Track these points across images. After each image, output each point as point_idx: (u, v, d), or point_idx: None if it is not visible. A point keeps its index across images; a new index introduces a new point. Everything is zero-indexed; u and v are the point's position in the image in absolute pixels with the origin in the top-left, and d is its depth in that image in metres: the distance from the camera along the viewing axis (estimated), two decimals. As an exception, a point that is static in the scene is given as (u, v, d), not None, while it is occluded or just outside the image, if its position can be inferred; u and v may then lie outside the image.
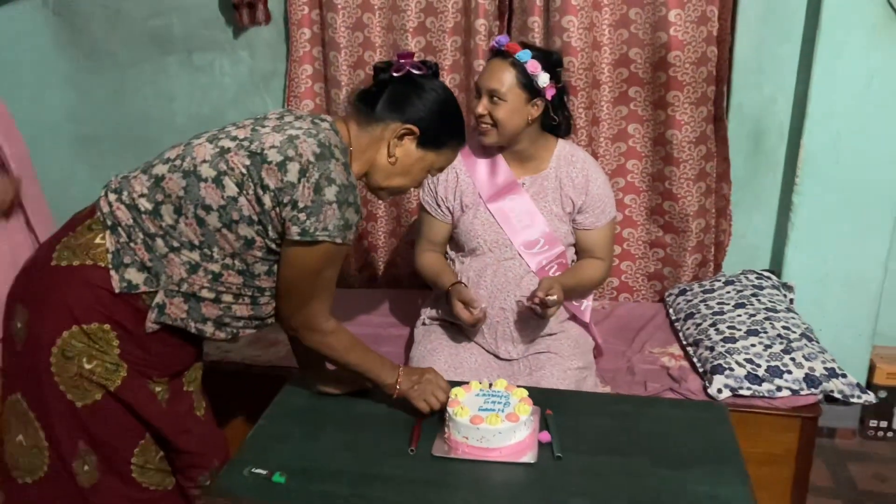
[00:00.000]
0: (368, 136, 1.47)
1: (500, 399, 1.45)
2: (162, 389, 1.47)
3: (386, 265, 2.73)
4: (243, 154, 1.37)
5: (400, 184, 1.53)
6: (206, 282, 1.40)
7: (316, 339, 1.49)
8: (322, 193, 1.34)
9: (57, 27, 2.69)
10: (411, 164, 1.50)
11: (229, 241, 1.39)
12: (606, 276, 2.05)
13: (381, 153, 1.48)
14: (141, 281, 1.37)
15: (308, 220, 1.34)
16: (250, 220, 1.37)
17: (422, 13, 2.42)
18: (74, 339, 1.37)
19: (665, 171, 2.47)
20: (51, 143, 2.82)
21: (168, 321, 1.40)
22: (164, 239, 1.38)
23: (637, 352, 2.26)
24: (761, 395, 1.95)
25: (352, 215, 1.37)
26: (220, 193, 1.36)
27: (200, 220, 1.37)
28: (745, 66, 2.39)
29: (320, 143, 1.38)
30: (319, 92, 2.58)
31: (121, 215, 1.38)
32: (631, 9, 2.35)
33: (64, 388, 1.38)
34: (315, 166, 1.35)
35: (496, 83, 1.85)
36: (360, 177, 1.49)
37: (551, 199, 1.97)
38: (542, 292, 1.79)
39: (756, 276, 2.43)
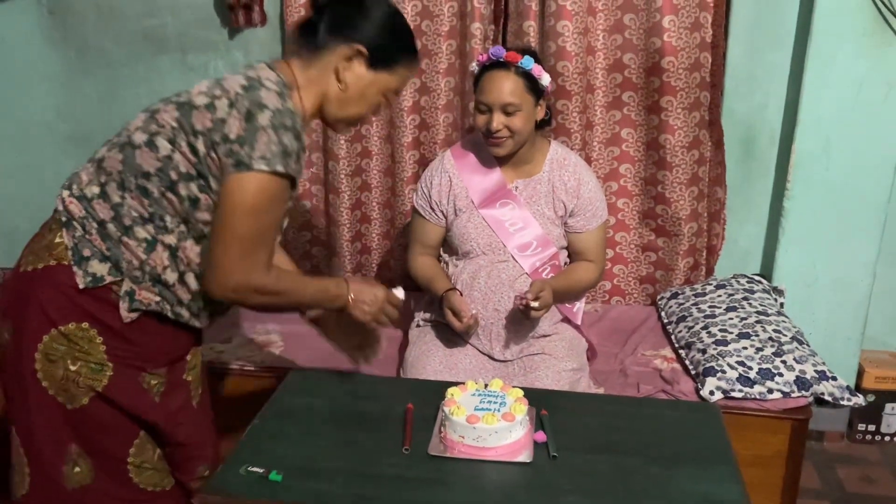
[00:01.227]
0: (316, 69, 1.40)
1: (496, 399, 1.45)
2: (158, 382, 1.44)
3: (379, 267, 2.74)
4: (172, 108, 1.34)
5: (356, 112, 1.46)
6: (166, 259, 1.36)
7: (259, 299, 1.38)
8: (254, 120, 1.28)
9: (50, 25, 2.68)
10: (364, 88, 1.42)
11: (175, 206, 1.34)
12: (599, 278, 2.06)
13: (331, 82, 1.41)
14: (105, 272, 1.34)
15: (242, 149, 1.27)
16: (189, 176, 1.32)
17: (417, 16, 2.43)
18: (55, 342, 1.34)
19: (658, 175, 2.49)
20: (42, 141, 2.81)
21: (142, 307, 1.36)
22: (115, 223, 1.34)
23: (630, 354, 2.27)
24: (753, 397, 1.96)
25: (290, 141, 1.29)
26: (155, 155, 1.32)
27: (143, 189, 1.33)
28: (737, 73, 2.42)
29: (248, 77, 1.33)
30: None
31: (73, 209, 1.35)
32: (625, 14, 2.37)
33: (53, 391, 1.36)
34: (243, 96, 1.30)
35: (509, 96, 1.85)
36: (314, 114, 1.44)
37: (544, 203, 1.98)
38: (531, 295, 1.80)
39: (747, 280, 2.46)
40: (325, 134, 2.60)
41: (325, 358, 2.22)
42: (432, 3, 2.41)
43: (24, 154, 2.82)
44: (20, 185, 2.85)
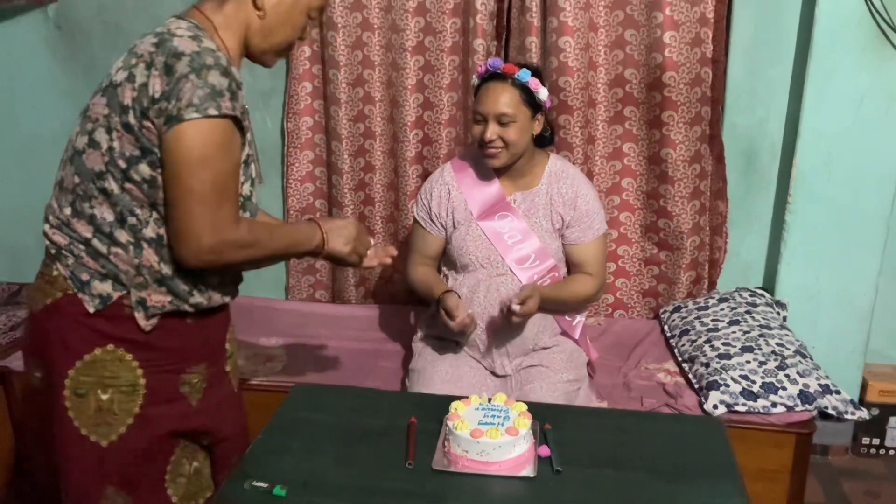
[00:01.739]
0: (231, 4, 1.34)
1: (500, 413, 1.46)
2: (199, 379, 1.42)
3: (382, 281, 2.74)
4: (98, 98, 1.30)
5: (282, 38, 1.39)
6: (154, 254, 1.31)
7: (236, 255, 1.32)
8: (173, 71, 1.21)
9: (57, 41, 2.70)
10: (286, 11, 1.36)
11: (138, 195, 1.28)
12: (597, 291, 2.04)
13: (250, 13, 1.34)
14: (109, 289, 1.31)
15: (170, 103, 1.21)
16: (135, 158, 1.26)
17: (421, 32, 2.46)
18: (81, 374, 1.33)
19: (660, 189, 2.50)
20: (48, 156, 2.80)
21: (159, 311, 1.33)
22: (98, 237, 1.31)
23: (633, 368, 2.28)
24: (756, 411, 1.96)
25: (217, 79, 1.22)
26: (99, 152, 1.28)
27: (103, 190, 1.29)
28: (738, 87, 2.43)
29: (157, 34, 1.28)
30: (319, 109, 2.60)
31: (58, 239, 1.33)
32: (626, 30, 2.39)
33: (86, 430, 1.34)
34: (157, 52, 1.24)
35: (504, 107, 1.86)
36: (241, 53, 1.37)
37: (542, 216, 1.99)
38: (517, 299, 1.80)
39: (750, 294, 2.46)
40: (329, 147, 2.62)
41: (329, 371, 2.23)
42: (435, 20, 2.43)
43: (30, 169, 2.83)
44: (26, 200, 2.86)
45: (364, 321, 2.59)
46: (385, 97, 2.55)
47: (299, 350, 2.36)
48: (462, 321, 1.84)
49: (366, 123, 2.57)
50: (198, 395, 1.43)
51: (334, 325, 2.53)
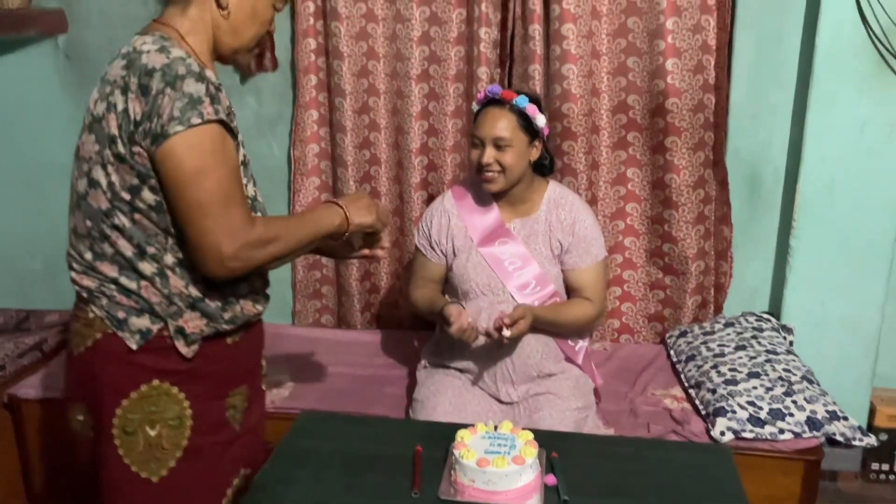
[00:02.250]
0: (194, 8, 1.32)
1: (506, 442, 1.45)
2: (241, 398, 1.45)
3: (388, 306, 2.75)
4: (86, 136, 1.30)
5: (251, 33, 1.37)
6: (180, 281, 1.31)
7: (262, 254, 1.30)
8: (148, 90, 1.20)
9: (66, 71, 2.74)
10: (252, 5, 1.35)
11: (148, 225, 1.29)
12: (596, 317, 2.03)
13: (215, 14, 1.32)
14: (148, 323, 1.32)
15: (152, 123, 1.20)
16: (136, 187, 1.26)
17: (425, 61, 2.49)
18: (128, 412, 1.33)
19: (664, 214, 2.51)
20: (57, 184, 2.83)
21: (198, 336, 1.34)
22: (125, 274, 1.31)
23: (639, 393, 2.27)
24: (764, 437, 1.95)
25: (193, 86, 1.21)
26: (100, 189, 1.28)
27: (115, 227, 1.29)
28: (740, 113, 2.45)
29: (125, 55, 1.26)
30: (325, 136, 2.63)
31: (87, 283, 1.34)
32: (629, 58, 2.42)
33: (136, 468, 1.35)
34: (128, 75, 1.23)
35: (501, 131, 1.88)
36: (211, 56, 1.36)
37: (541, 242, 2.00)
38: (508, 319, 1.79)
39: (756, 319, 2.46)
40: (335, 174, 2.64)
41: (335, 398, 2.23)
42: (439, 49, 2.46)
43: (39, 197, 2.86)
44: (35, 227, 2.89)
45: (369, 347, 2.59)
46: (390, 124, 2.57)
47: (306, 376, 2.36)
48: (461, 326, 1.81)
49: (371, 150, 2.59)
50: (240, 418, 1.46)
51: (340, 351, 2.54)
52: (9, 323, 2.73)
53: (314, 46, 2.53)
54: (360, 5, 2.46)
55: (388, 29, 2.49)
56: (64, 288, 3.09)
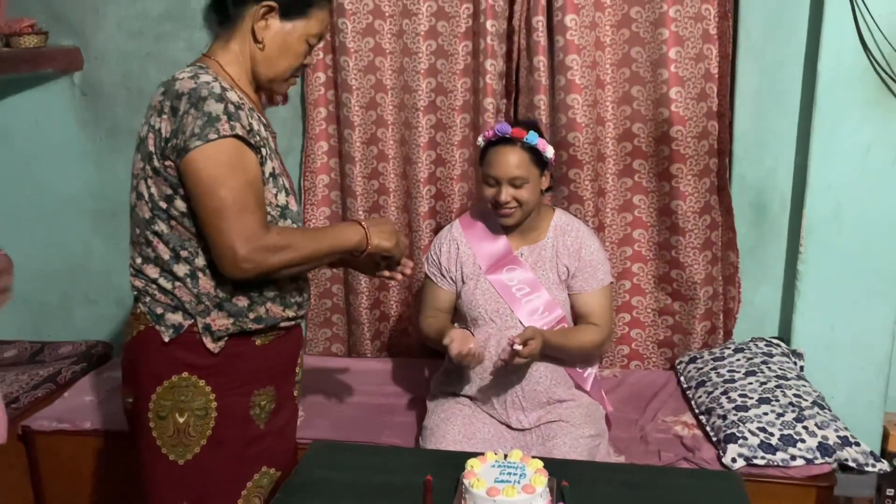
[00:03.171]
0: (235, 42, 1.47)
1: (516, 470, 1.46)
2: (267, 401, 1.54)
3: (398, 334, 2.76)
4: (135, 155, 1.47)
5: (285, 66, 1.50)
6: (209, 282, 1.45)
7: (274, 259, 1.41)
8: (176, 112, 1.36)
9: (82, 107, 2.80)
10: (285, 40, 1.47)
11: (181, 231, 1.44)
12: (603, 342, 2.04)
13: (252, 47, 1.47)
14: (180, 319, 1.46)
15: (178, 139, 1.36)
16: (170, 196, 1.42)
17: (432, 92, 2.53)
18: (161, 398, 1.47)
19: (671, 240, 2.53)
20: (72, 217, 2.90)
21: (224, 334, 1.47)
22: (163, 276, 1.46)
23: (650, 420, 2.26)
24: (776, 464, 1.94)
25: (213, 106, 1.35)
26: (144, 200, 1.45)
27: (156, 233, 1.45)
28: (745, 139, 2.47)
29: (164, 83, 1.43)
30: (335, 167, 2.67)
31: (137, 283, 1.51)
32: (633, 87, 2.45)
33: (166, 450, 1.49)
34: (164, 99, 1.40)
35: (516, 170, 1.91)
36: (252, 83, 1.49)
37: (549, 268, 2.02)
38: (519, 339, 1.79)
39: (765, 344, 2.45)
40: (344, 204, 2.67)
41: (345, 427, 2.24)
42: (446, 80, 2.51)
43: (55, 230, 2.91)
44: (50, 260, 2.93)
45: (380, 375, 2.60)
46: (398, 155, 2.61)
47: (316, 405, 2.37)
48: (459, 351, 1.80)
49: (380, 180, 2.63)
50: (265, 417, 1.55)
51: (350, 380, 2.55)
52: (23, 355, 2.76)
53: (323, 80, 2.58)
54: (368, 39, 2.51)
55: (395, 62, 2.53)
56: (77, 320, 3.15)
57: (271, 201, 1.47)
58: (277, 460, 1.60)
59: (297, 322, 1.60)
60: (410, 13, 2.47)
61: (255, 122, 1.44)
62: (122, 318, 2.81)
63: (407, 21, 2.48)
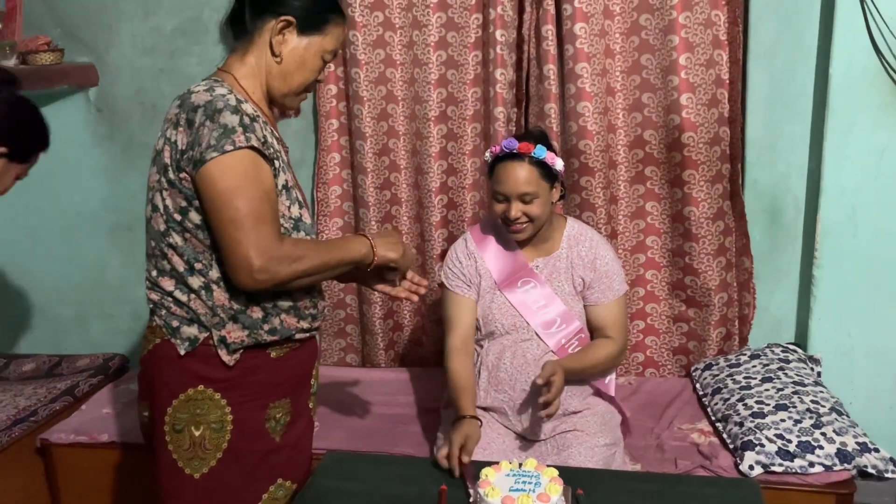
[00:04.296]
0: (252, 55, 1.49)
1: (531, 479, 1.45)
2: (282, 413, 1.55)
3: (411, 344, 2.77)
4: (151, 168, 1.48)
5: (300, 80, 1.51)
6: (223, 294, 1.45)
7: (288, 269, 1.41)
8: (192, 124, 1.38)
9: (97, 122, 2.83)
10: (301, 55, 1.49)
11: (195, 242, 1.45)
12: (620, 354, 2.03)
13: (269, 60, 1.48)
14: (195, 332, 1.47)
15: (194, 151, 1.36)
16: (184, 208, 1.43)
17: (443, 102, 2.54)
18: (177, 411, 1.48)
19: (685, 246, 2.52)
20: (88, 232, 2.93)
21: (239, 346, 1.47)
22: (178, 288, 1.47)
23: (666, 428, 2.25)
24: (794, 471, 1.93)
25: (228, 118, 1.36)
26: (159, 212, 1.46)
27: (172, 246, 1.46)
28: (757, 145, 2.46)
29: (180, 97, 1.45)
30: (347, 178, 2.68)
31: (153, 296, 1.51)
32: (643, 94, 2.45)
33: (182, 463, 1.49)
34: (180, 112, 1.41)
35: (525, 186, 1.88)
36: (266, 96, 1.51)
37: (564, 279, 2.00)
38: (541, 379, 1.76)
39: (782, 350, 2.44)
40: (357, 215, 2.68)
41: (360, 437, 2.24)
42: (457, 90, 2.52)
43: (71, 244, 2.94)
44: (67, 274, 2.96)
45: (394, 385, 2.60)
46: (410, 165, 2.62)
47: (331, 415, 2.38)
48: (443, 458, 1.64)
49: (392, 191, 2.64)
50: (281, 430, 1.55)
51: (364, 390, 2.55)
52: (41, 368, 2.78)
53: (335, 92, 2.60)
54: (379, 51, 2.53)
55: (406, 73, 2.55)
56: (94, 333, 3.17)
57: (284, 213, 1.48)
58: (293, 473, 1.60)
59: (312, 334, 1.61)
60: (420, 24, 2.49)
61: (268, 134, 1.46)
62: (139, 331, 2.83)
63: (417, 32, 2.50)
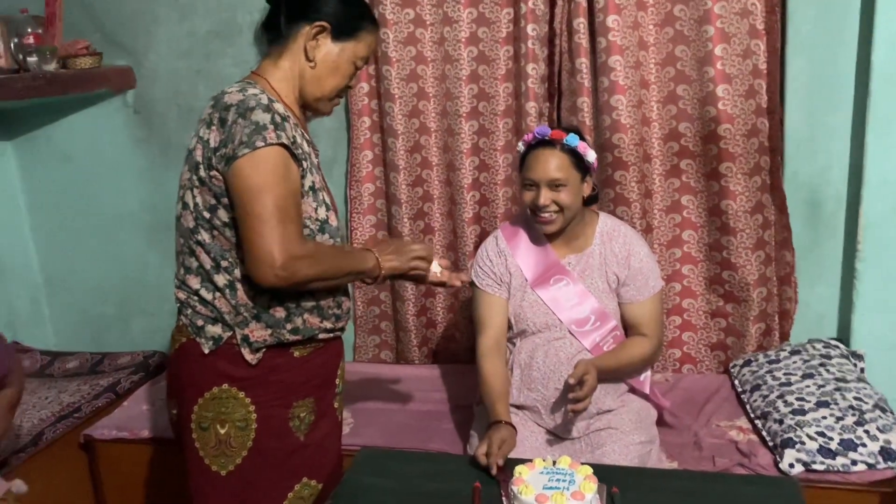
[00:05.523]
0: (286, 59, 1.51)
1: (565, 477, 1.44)
2: (306, 412, 1.56)
3: (445, 340, 2.77)
4: (184, 167, 1.51)
5: (333, 84, 1.54)
6: (247, 293, 1.48)
7: (305, 270, 1.42)
8: (225, 123, 1.40)
9: (135, 125, 2.88)
10: (334, 60, 1.52)
11: (222, 240, 1.47)
12: (655, 352, 2.00)
13: (304, 65, 1.51)
14: (219, 331, 1.49)
15: (226, 148, 1.39)
16: (212, 206, 1.45)
17: (475, 98, 2.53)
18: (203, 409, 1.51)
19: (722, 240, 2.48)
20: (127, 232, 2.99)
21: (262, 345, 1.49)
22: (204, 286, 1.50)
23: (703, 425, 2.22)
24: (836, 469, 1.88)
25: (260, 115, 1.38)
26: (188, 210, 1.49)
27: (199, 243, 1.49)
28: (796, 136, 2.40)
29: (213, 97, 1.48)
30: (379, 175, 2.69)
31: (180, 295, 1.54)
32: (678, 86, 2.41)
33: (208, 461, 1.52)
34: (213, 112, 1.44)
35: (555, 172, 1.87)
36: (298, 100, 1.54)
37: (597, 276, 1.98)
38: (573, 378, 1.75)
39: (823, 345, 2.38)
40: (389, 212, 2.69)
41: (394, 434, 2.25)
42: (488, 86, 2.51)
43: (111, 245, 3.00)
44: (108, 274, 3.03)
45: (427, 382, 2.61)
46: (442, 162, 2.62)
47: (364, 411, 2.39)
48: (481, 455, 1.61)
49: (424, 187, 2.64)
50: (305, 429, 1.57)
51: (398, 386, 2.56)
52: (84, 366, 2.86)
53: (367, 90, 2.61)
54: (410, 48, 2.53)
55: (437, 70, 2.55)
56: (135, 331, 3.24)
57: (311, 215, 1.50)
58: (318, 472, 1.61)
59: (337, 334, 1.62)
60: (451, 20, 2.48)
61: (298, 136, 1.48)
62: (177, 329, 2.89)
63: (448, 28, 2.50)
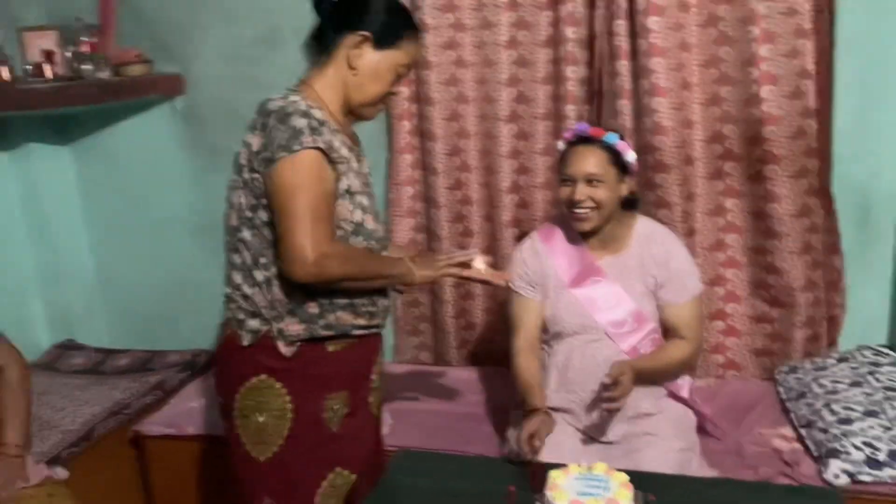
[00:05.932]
0: (332, 68, 1.59)
1: (600, 483, 1.44)
2: (340, 405, 1.62)
3: (483, 342, 2.78)
4: (232, 170, 1.59)
5: (375, 91, 1.60)
6: (283, 289, 1.54)
7: (335, 268, 1.50)
8: (266, 128, 1.49)
9: (183, 130, 2.96)
10: (375, 67, 1.58)
11: (262, 239, 1.54)
12: (694, 356, 1.98)
13: (347, 73, 1.58)
14: (258, 325, 1.57)
15: (267, 151, 1.48)
16: (254, 205, 1.53)
17: (514, 102, 2.53)
18: (245, 399, 1.59)
19: (767, 244, 2.43)
20: (175, 233, 3.08)
21: (295, 339, 1.57)
22: (245, 282, 1.58)
23: (746, 433, 2.18)
24: (883, 480, 1.83)
25: (297, 121, 1.47)
26: (234, 209, 1.58)
27: (242, 241, 1.57)
28: (846, 138, 2.34)
29: (259, 104, 1.56)
30: (419, 179, 2.71)
31: (227, 290, 1.63)
32: (722, 87, 2.37)
33: (248, 447, 1.61)
34: (258, 118, 1.53)
35: (593, 167, 1.88)
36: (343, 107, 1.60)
37: (635, 278, 1.96)
38: (608, 378, 1.74)
39: (873, 353, 2.32)
40: (429, 215, 2.71)
41: (431, 436, 2.27)
42: (527, 89, 2.51)
43: (160, 246, 3.09)
44: (158, 274, 3.12)
45: (465, 383, 2.62)
46: (481, 165, 2.63)
47: (403, 413, 2.41)
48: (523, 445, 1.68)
49: (463, 191, 2.65)
50: (338, 421, 1.62)
51: (437, 388, 2.58)
52: (135, 364, 2.95)
53: (407, 94, 2.63)
54: (450, 53, 2.54)
55: (476, 74, 2.56)
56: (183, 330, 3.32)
57: (346, 217, 1.56)
58: (352, 463, 1.66)
59: (372, 331, 1.67)
60: (491, 25, 2.49)
61: (336, 140, 1.54)
62: (223, 328, 2.96)
63: (487, 32, 2.50)
